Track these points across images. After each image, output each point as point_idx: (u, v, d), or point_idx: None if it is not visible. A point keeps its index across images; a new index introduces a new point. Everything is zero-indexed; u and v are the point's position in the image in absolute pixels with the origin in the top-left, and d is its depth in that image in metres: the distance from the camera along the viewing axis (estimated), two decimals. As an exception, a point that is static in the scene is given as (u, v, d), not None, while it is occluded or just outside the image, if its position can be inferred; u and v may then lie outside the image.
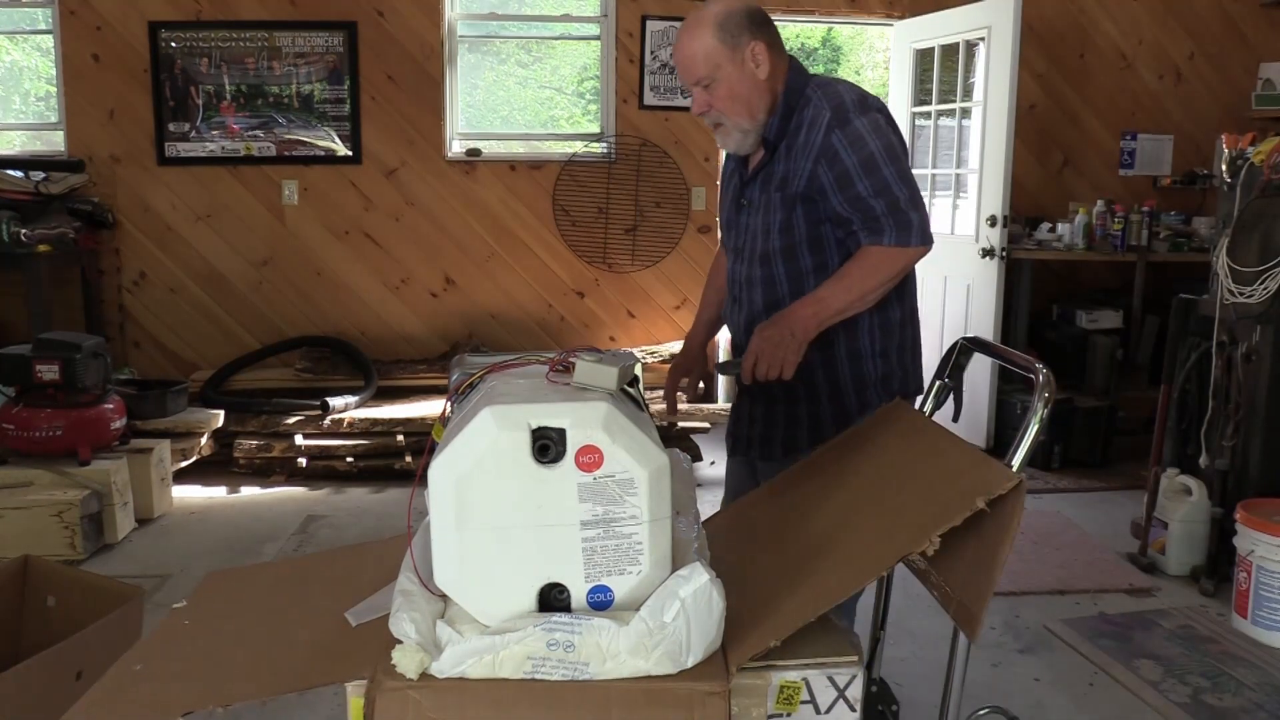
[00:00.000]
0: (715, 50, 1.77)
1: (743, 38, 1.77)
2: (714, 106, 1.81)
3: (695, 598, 1.07)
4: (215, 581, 1.58)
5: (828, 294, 1.78)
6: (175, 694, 1.18)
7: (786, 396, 1.94)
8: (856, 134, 1.76)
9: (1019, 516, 1.14)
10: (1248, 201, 3.28)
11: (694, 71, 1.79)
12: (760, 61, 1.78)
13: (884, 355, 1.93)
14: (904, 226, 1.76)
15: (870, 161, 1.75)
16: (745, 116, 1.82)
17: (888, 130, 1.80)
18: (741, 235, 1.94)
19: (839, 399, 1.93)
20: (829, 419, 1.93)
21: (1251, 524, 2.94)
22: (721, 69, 1.77)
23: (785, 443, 1.95)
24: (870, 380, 1.92)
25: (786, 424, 1.95)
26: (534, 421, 1.09)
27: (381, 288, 5.10)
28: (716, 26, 1.77)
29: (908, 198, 1.77)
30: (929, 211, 5.32)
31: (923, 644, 2.89)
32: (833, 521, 1.42)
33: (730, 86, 1.79)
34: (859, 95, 1.81)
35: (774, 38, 1.83)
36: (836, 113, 1.78)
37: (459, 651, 1.07)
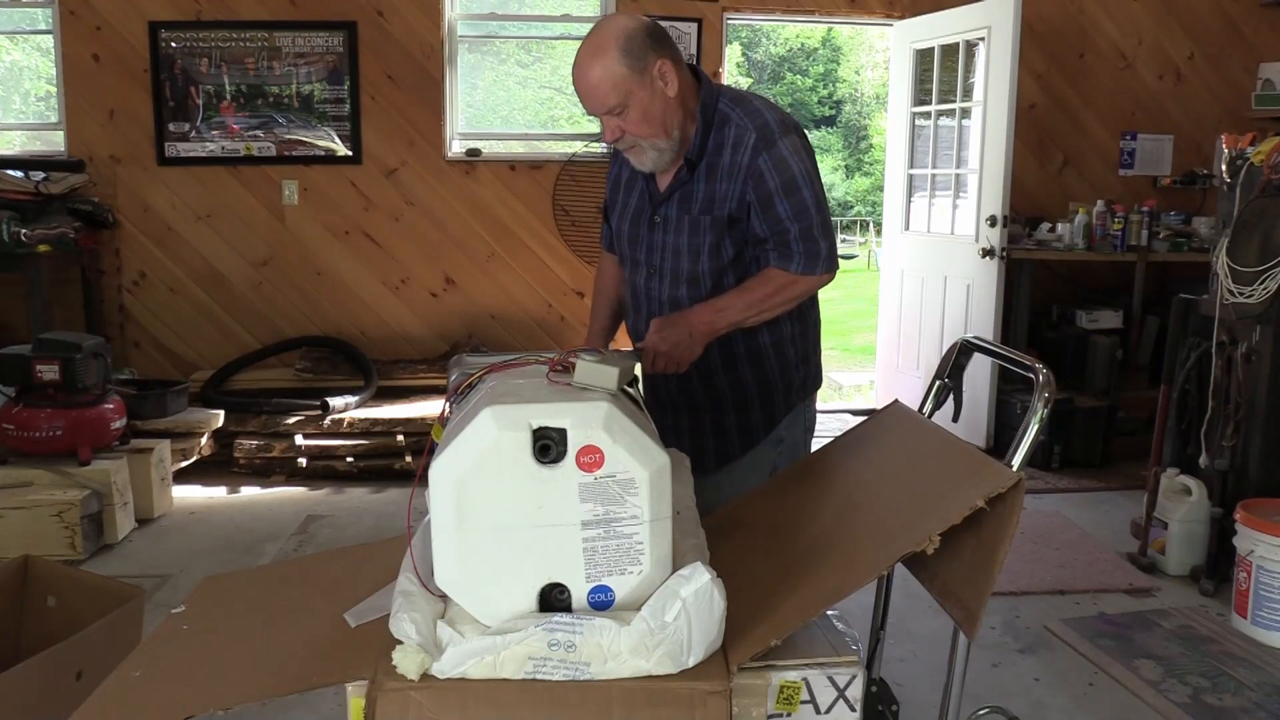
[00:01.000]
0: (623, 76, 1.69)
1: (648, 57, 1.70)
2: (628, 131, 1.75)
3: (696, 597, 1.07)
4: (212, 585, 1.58)
5: (728, 304, 1.81)
6: (176, 698, 1.18)
7: (712, 406, 1.96)
8: (781, 156, 1.77)
9: (1018, 515, 1.14)
10: (1248, 201, 3.28)
11: (604, 101, 1.71)
12: (668, 79, 1.73)
13: (805, 360, 2.00)
14: (813, 255, 1.79)
15: (792, 184, 1.77)
16: (661, 136, 1.77)
17: (805, 152, 1.81)
18: (656, 253, 1.91)
19: (768, 404, 1.97)
20: (758, 424, 1.97)
21: (1251, 524, 2.94)
22: (633, 94, 1.71)
23: (717, 454, 1.97)
24: (795, 384, 1.98)
25: (716, 434, 1.96)
26: (535, 421, 1.09)
27: (381, 288, 5.10)
28: (621, 51, 1.68)
29: (820, 223, 1.79)
30: (929, 211, 5.35)
31: (923, 644, 2.89)
32: (832, 521, 1.42)
33: (643, 109, 1.72)
34: (779, 115, 1.82)
35: (676, 52, 1.78)
36: (762, 134, 1.77)
37: (460, 652, 1.07)
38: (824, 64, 29.68)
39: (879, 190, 15.72)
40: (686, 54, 5.07)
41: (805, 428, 2.05)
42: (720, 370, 1.93)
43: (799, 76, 29.91)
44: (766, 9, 5.16)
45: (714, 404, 1.96)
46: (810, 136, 12.66)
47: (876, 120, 26.56)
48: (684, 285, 1.88)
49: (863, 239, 21.13)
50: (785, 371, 1.96)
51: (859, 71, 28.77)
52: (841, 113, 29.24)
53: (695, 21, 5.05)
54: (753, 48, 29.34)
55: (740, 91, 1.85)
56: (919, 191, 5.39)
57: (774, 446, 1.99)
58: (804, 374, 2.00)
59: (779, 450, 1.99)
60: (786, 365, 1.95)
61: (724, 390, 1.95)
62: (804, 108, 29.70)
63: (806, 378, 2.01)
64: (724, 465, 1.97)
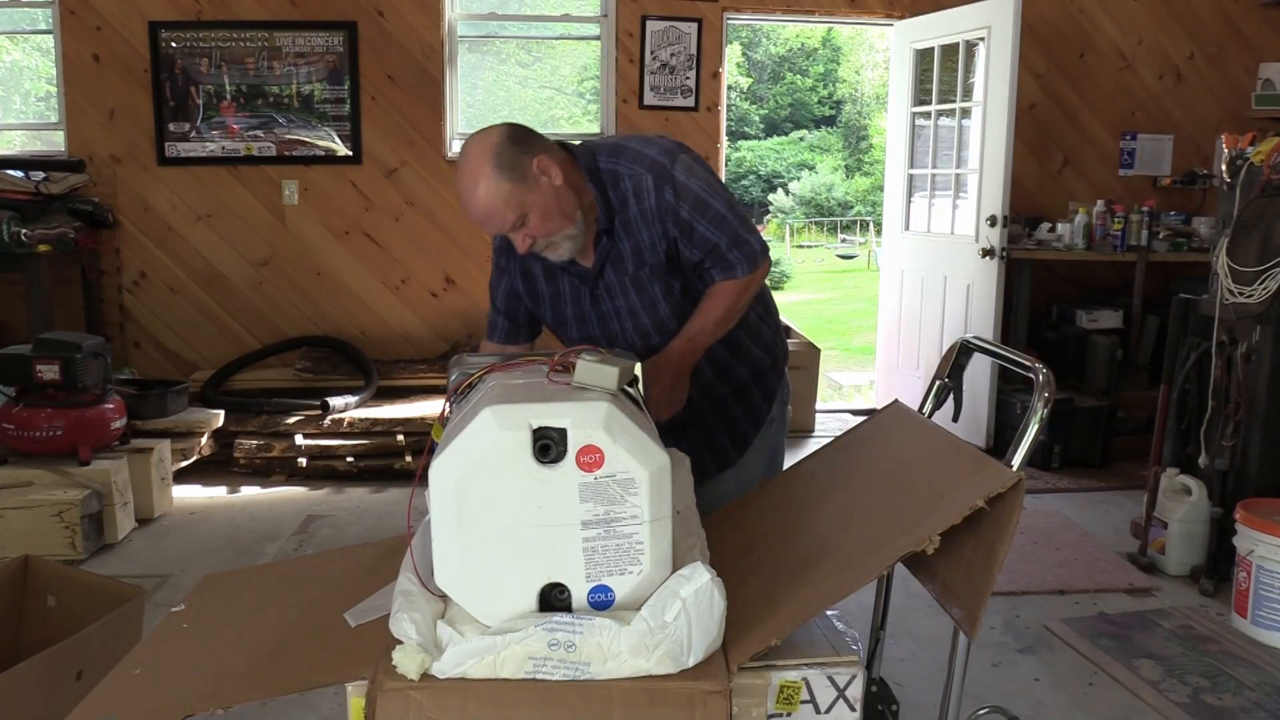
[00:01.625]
0: (508, 192, 1.67)
1: (522, 161, 1.68)
2: (537, 236, 1.75)
3: (696, 597, 1.07)
4: (212, 584, 1.58)
5: (697, 330, 1.85)
6: (175, 697, 1.18)
7: (717, 410, 2.01)
8: (681, 183, 1.80)
9: (1018, 515, 1.15)
10: (1248, 201, 3.28)
11: (504, 221, 1.71)
12: (550, 171, 1.71)
13: (777, 331, 2.09)
14: (748, 256, 1.84)
15: (700, 202, 1.80)
16: (569, 224, 1.76)
17: (698, 165, 1.85)
18: (611, 321, 1.91)
19: (763, 383, 2.04)
20: (760, 405, 2.05)
21: (1251, 524, 2.94)
22: (525, 202, 1.70)
23: (717, 462, 2.02)
24: (780, 355, 2.09)
25: (709, 446, 2.00)
26: (535, 421, 1.09)
27: (381, 288, 5.10)
28: (497, 169, 1.66)
29: (739, 223, 1.84)
30: (929, 211, 5.34)
31: (923, 644, 2.89)
32: (832, 521, 1.42)
33: (541, 211, 1.72)
34: (660, 145, 1.85)
35: (545, 142, 1.76)
36: (655, 171, 1.80)
37: (460, 652, 1.07)
38: (824, 64, 29.69)
39: (879, 190, 15.72)
40: (686, 54, 5.07)
41: (784, 400, 2.13)
42: (716, 380, 1.97)
43: (799, 76, 29.91)
44: (766, 9, 5.16)
45: (719, 408, 2.00)
46: (810, 136, 12.71)
47: (876, 120, 26.55)
48: (654, 336, 1.91)
49: (863, 239, 21.13)
50: (769, 349, 2.05)
51: (859, 71, 28.77)
52: (841, 113, 29.24)
53: (695, 21, 5.05)
54: (753, 48, 29.33)
55: (612, 142, 1.87)
56: (919, 191, 5.39)
57: (769, 427, 2.07)
58: (779, 343, 2.10)
59: (772, 430, 2.08)
60: (766, 343, 2.04)
61: (725, 393, 2.00)
62: (804, 108, 29.71)
63: (781, 345, 2.11)
64: (744, 453, 2.04)
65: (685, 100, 5.12)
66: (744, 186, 27.08)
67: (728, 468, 2.02)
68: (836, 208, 25.20)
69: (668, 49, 5.06)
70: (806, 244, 22.71)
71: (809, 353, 5.32)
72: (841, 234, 23.10)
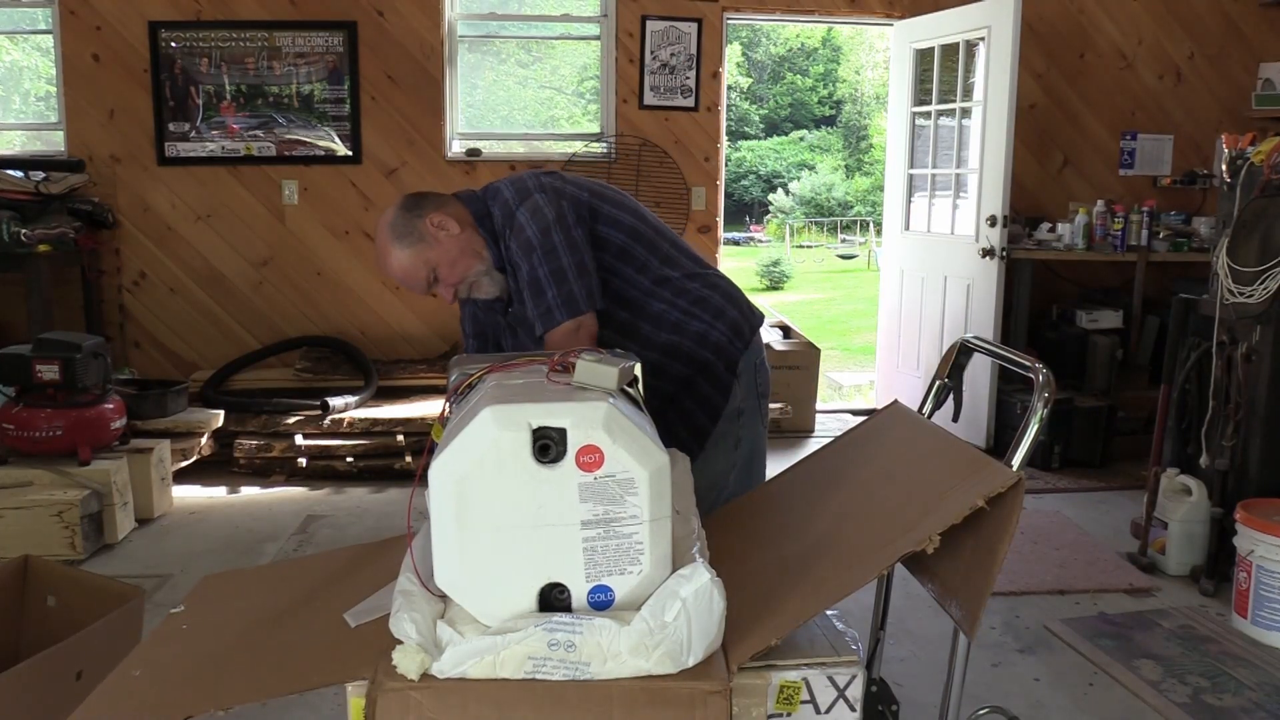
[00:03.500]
0: (412, 254, 1.87)
1: (416, 225, 1.87)
2: (456, 283, 1.92)
3: (696, 597, 1.07)
4: (211, 584, 1.58)
5: None
6: (175, 698, 1.17)
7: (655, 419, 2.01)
8: (518, 225, 1.89)
9: (1017, 515, 1.14)
10: (1248, 201, 3.28)
11: (419, 280, 1.90)
12: (444, 224, 1.88)
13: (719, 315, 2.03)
14: (546, 315, 1.87)
15: (527, 245, 1.87)
16: (476, 263, 1.92)
17: (547, 207, 1.89)
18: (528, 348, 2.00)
19: (709, 371, 2.04)
20: (701, 414, 2.05)
21: (1251, 524, 2.94)
22: (429, 260, 1.88)
23: (698, 437, 2.04)
24: (723, 341, 2.03)
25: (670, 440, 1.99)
26: (534, 421, 1.09)
27: (381, 288, 5.10)
28: (396, 240, 1.87)
29: (553, 274, 1.86)
30: (929, 211, 5.34)
31: (923, 644, 2.89)
32: (832, 521, 1.42)
33: (448, 262, 1.89)
34: (519, 187, 1.92)
35: (438, 200, 1.93)
36: (504, 211, 1.92)
37: (460, 652, 1.07)
38: (824, 64, 29.71)
39: (879, 190, 15.73)
40: (686, 54, 5.07)
41: (758, 392, 2.11)
42: (653, 379, 1.98)
43: (799, 76, 29.93)
44: (766, 9, 5.16)
45: (669, 402, 2.03)
46: (810, 136, 12.69)
47: (876, 120, 26.57)
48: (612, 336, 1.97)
49: (863, 239, 21.14)
50: (702, 340, 2.02)
51: (859, 71, 28.79)
52: (841, 113, 29.26)
53: (695, 21, 5.05)
54: (753, 48, 29.35)
55: (495, 185, 1.98)
56: (919, 191, 5.39)
57: (736, 419, 2.07)
58: (725, 325, 2.05)
59: (741, 422, 2.07)
60: (697, 335, 2.02)
61: (668, 390, 2.03)
62: (804, 108, 29.72)
63: (731, 326, 2.06)
64: (704, 444, 2.05)
65: (685, 100, 5.12)
66: (744, 186, 27.10)
67: (692, 461, 2.03)
68: (836, 208, 25.22)
69: (668, 49, 5.06)
70: (806, 244, 22.73)
71: (809, 353, 5.32)
72: (841, 234, 23.11)
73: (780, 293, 14.85)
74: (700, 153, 5.19)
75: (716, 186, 5.27)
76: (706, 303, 2.05)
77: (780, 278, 15.62)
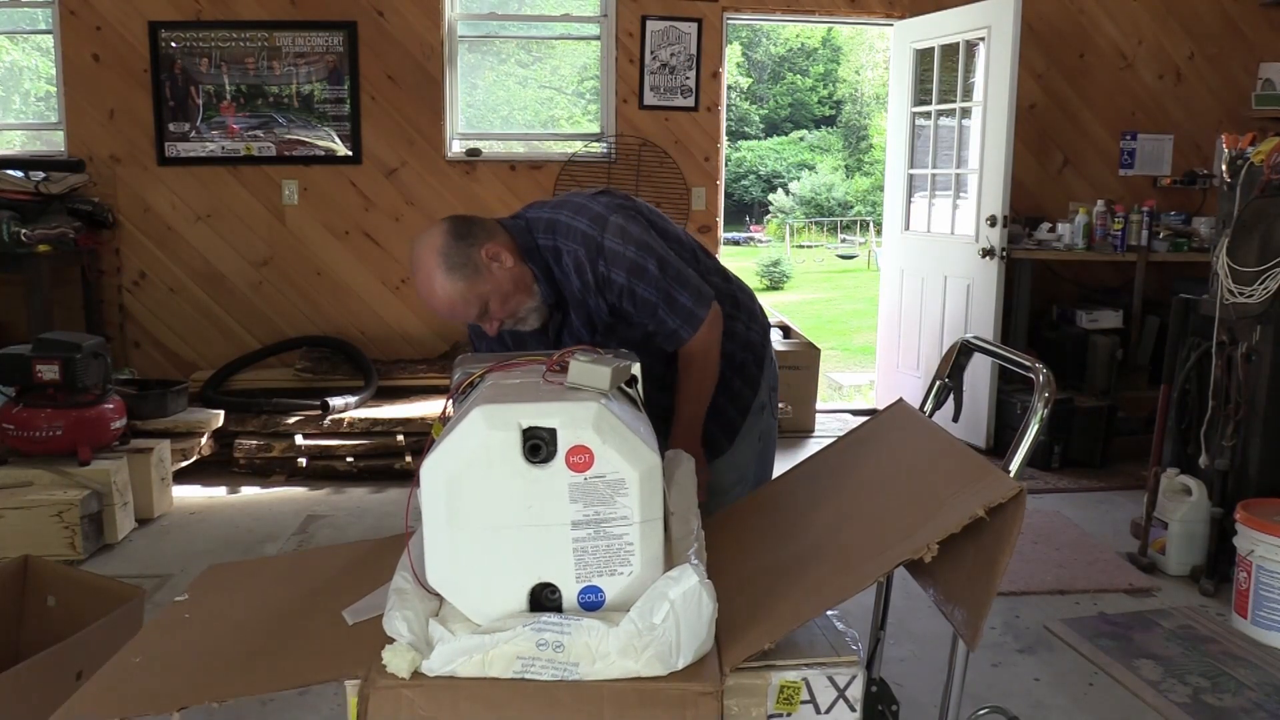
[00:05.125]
0: (465, 288, 1.73)
1: (472, 256, 1.73)
2: (504, 318, 1.82)
3: (685, 599, 1.07)
4: (216, 575, 1.58)
5: (688, 413, 1.91)
6: (172, 688, 1.18)
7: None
8: (614, 252, 1.80)
9: (1019, 525, 1.13)
10: (1248, 201, 3.28)
11: (468, 314, 1.79)
12: (499, 257, 1.76)
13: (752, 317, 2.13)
14: (687, 317, 1.84)
15: (634, 267, 1.80)
16: (529, 299, 1.83)
17: (632, 227, 1.83)
18: None
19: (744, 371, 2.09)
20: (733, 410, 2.09)
21: (1251, 524, 2.94)
22: (482, 293, 1.75)
23: (710, 451, 2.04)
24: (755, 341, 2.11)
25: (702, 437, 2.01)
26: (525, 421, 1.09)
27: (381, 288, 5.10)
28: (449, 271, 1.72)
29: (675, 280, 1.83)
30: (929, 211, 5.34)
31: (923, 644, 2.89)
32: (831, 524, 1.41)
33: (500, 296, 1.77)
34: (591, 213, 1.83)
35: (489, 227, 1.81)
36: (588, 245, 1.80)
37: (449, 650, 1.07)
38: (824, 64, 29.69)
39: (879, 190, 15.71)
40: (686, 54, 5.07)
41: (771, 385, 2.17)
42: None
43: (799, 76, 29.92)
44: (766, 9, 5.16)
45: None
46: (810, 136, 12.68)
47: (876, 120, 26.56)
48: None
49: (863, 239, 21.13)
50: (742, 341, 2.08)
51: (859, 71, 28.77)
52: (841, 113, 29.25)
53: (695, 21, 5.05)
54: (753, 48, 29.34)
55: (549, 217, 1.85)
56: (919, 191, 5.39)
57: (759, 414, 2.13)
58: (759, 325, 2.15)
59: (763, 416, 2.13)
60: (738, 336, 2.07)
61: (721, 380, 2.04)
62: (804, 108, 29.71)
63: (762, 326, 2.17)
64: (734, 440, 2.09)
65: (685, 100, 5.12)
66: (744, 186, 27.10)
67: (720, 455, 2.06)
68: (836, 208, 25.21)
69: (668, 49, 5.06)
70: (806, 244, 22.72)
71: (809, 353, 5.31)
72: (841, 234, 23.10)
73: (780, 293, 14.84)
74: (700, 153, 5.19)
75: (716, 186, 5.27)
76: (741, 305, 2.10)
77: (780, 278, 15.62)
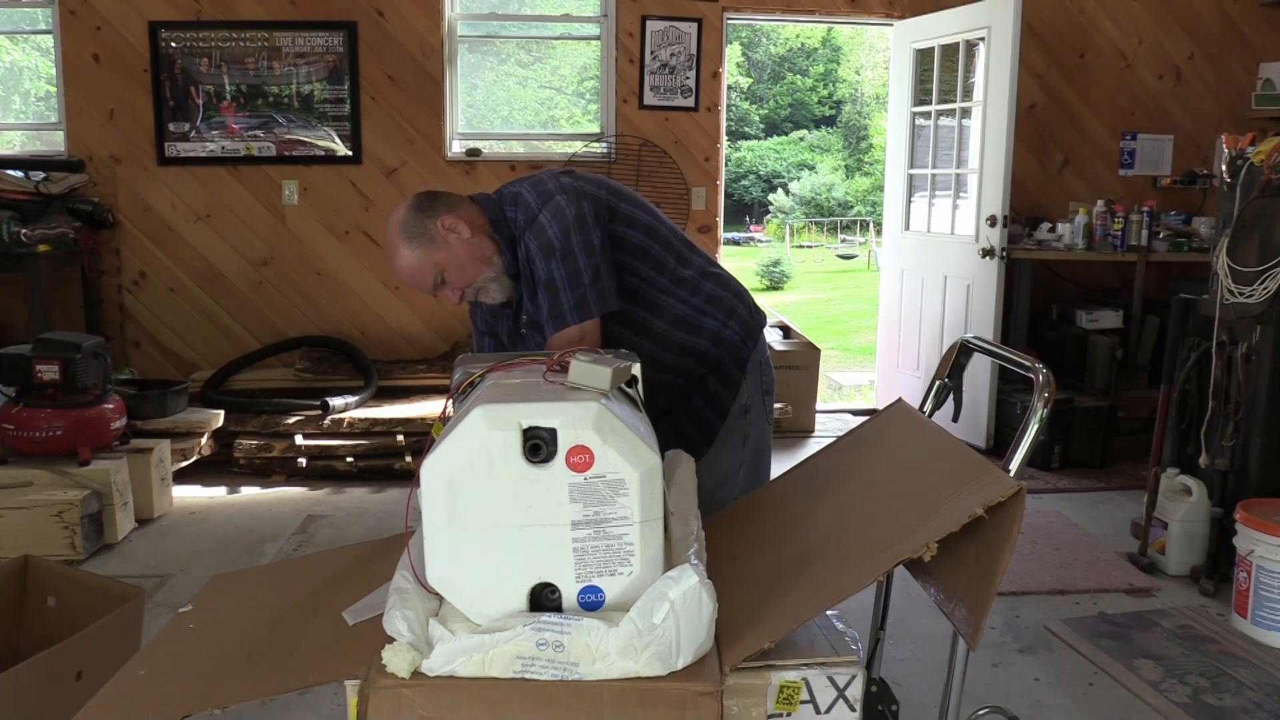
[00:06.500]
0: (420, 255, 1.84)
1: (427, 226, 1.84)
2: (463, 288, 1.90)
3: (685, 599, 1.07)
4: (220, 583, 1.58)
5: None
6: (175, 696, 1.18)
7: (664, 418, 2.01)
8: (538, 225, 1.86)
9: (1019, 524, 1.13)
10: (1248, 201, 3.28)
11: (425, 282, 1.88)
12: (455, 227, 1.85)
13: (731, 314, 2.05)
14: (556, 317, 1.86)
15: (547, 246, 1.85)
16: (485, 269, 1.90)
17: (569, 207, 1.86)
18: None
19: (719, 369, 2.06)
20: (710, 411, 2.06)
21: (1251, 524, 2.94)
22: (438, 262, 1.85)
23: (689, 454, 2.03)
24: (735, 340, 2.05)
25: (679, 438, 2.00)
26: (525, 421, 1.09)
27: (381, 287, 5.10)
28: (405, 239, 1.84)
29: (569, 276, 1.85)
30: (929, 211, 5.33)
31: (923, 644, 2.89)
32: (831, 524, 1.41)
33: (456, 265, 1.86)
34: (542, 188, 1.89)
35: (451, 201, 1.90)
36: (526, 214, 1.88)
37: (448, 650, 1.07)
38: (824, 64, 29.70)
39: (879, 190, 15.72)
40: (686, 54, 5.07)
41: (763, 389, 2.13)
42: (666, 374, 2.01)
43: (799, 76, 29.93)
44: (766, 9, 5.16)
45: (679, 399, 2.05)
46: (810, 136, 12.66)
47: (876, 120, 26.56)
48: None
49: (863, 239, 21.14)
50: (715, 338, 2.04)
51: (859, 71, 28.78)
52: (841, 113, 29.26)
53: (695, 21, 5.05)
54: (753, 48, 29.35)
55: (514, 190, 1.93)
56: (919, 191, 5.39)
57: (743, 416, 2.09)
58: (738, 324, 2.08)
59: (749, 419, 2.09)
60: (710, 333, 2.04)
61: (678, 384, 2.04)
62: (804, 108, 29.72)
63: (743, 324, 2.09)
64: (712, 442, 2.07)
65: (685, 100, 5.12)
66: (744, 186, 27.10)
67: (698, 459, 2.02)
68: (836, 208, 25.22)
69: (668, 49, 5.06)
70: (806, 244, 22.74)
71: (809, 353, 5.32)
72: (841, 234, 23.12)
73: (780, 293, 14.85)
74: (700, 153, 5.19)
75: (716, 186, 5.27)
76: (720, 301, 2.07)
77: (780, 278, 15.62)
